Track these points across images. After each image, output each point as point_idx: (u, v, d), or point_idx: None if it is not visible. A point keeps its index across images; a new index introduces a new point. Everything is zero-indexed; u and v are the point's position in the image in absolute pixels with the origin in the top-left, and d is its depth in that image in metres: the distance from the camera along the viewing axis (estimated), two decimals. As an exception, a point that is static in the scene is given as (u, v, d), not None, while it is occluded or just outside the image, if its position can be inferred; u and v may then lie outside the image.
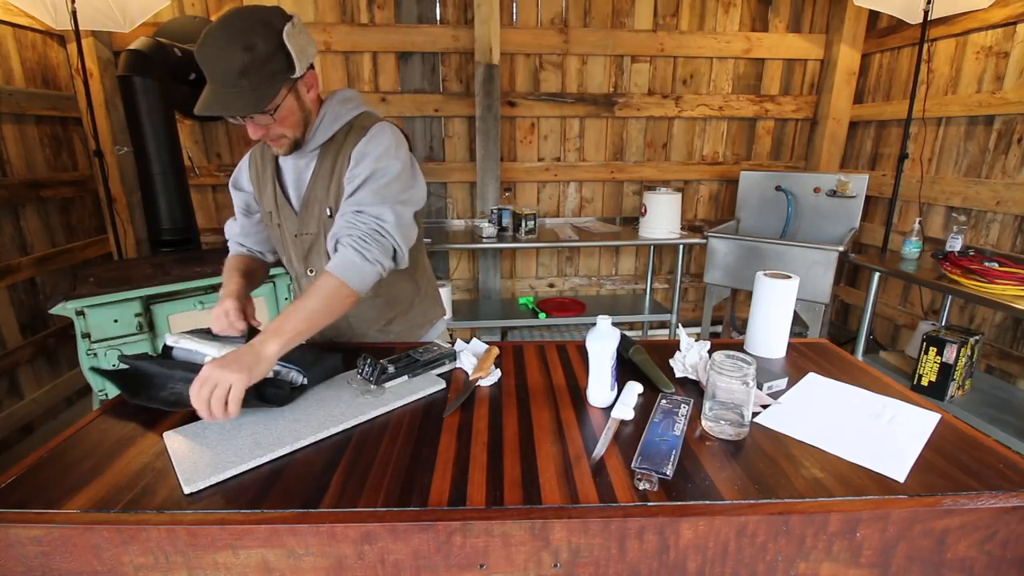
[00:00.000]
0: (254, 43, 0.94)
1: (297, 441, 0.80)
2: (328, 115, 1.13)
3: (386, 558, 0.66)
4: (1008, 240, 2.29)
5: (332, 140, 1.14)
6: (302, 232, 1.20)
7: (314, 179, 1.15)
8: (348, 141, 1.12)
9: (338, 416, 0.88)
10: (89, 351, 1.90)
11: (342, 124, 1.14)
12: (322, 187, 1.14)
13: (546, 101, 3.07)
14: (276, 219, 1.22)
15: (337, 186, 1.13)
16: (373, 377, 0.97)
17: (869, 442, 0.82)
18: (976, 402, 2.08)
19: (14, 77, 2.34)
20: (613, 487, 0.71)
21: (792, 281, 1.13)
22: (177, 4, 2.72)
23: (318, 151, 1.15)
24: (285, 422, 0.85)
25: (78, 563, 0.66)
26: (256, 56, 0.94)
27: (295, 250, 1.23)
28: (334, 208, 1.14)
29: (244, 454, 0.76)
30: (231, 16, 0.95)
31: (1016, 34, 2.22)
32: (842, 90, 3.07)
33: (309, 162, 1.16)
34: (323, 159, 1.14)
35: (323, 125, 1.12)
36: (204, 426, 0.84)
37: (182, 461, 0.75)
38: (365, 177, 1.06)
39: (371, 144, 1.09)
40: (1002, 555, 0.70)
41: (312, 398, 0.94)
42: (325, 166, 1.14)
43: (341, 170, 1.11)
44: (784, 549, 0.68)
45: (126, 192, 2.80)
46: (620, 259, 3.45)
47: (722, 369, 0.83)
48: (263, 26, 0.95)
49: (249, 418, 0.86)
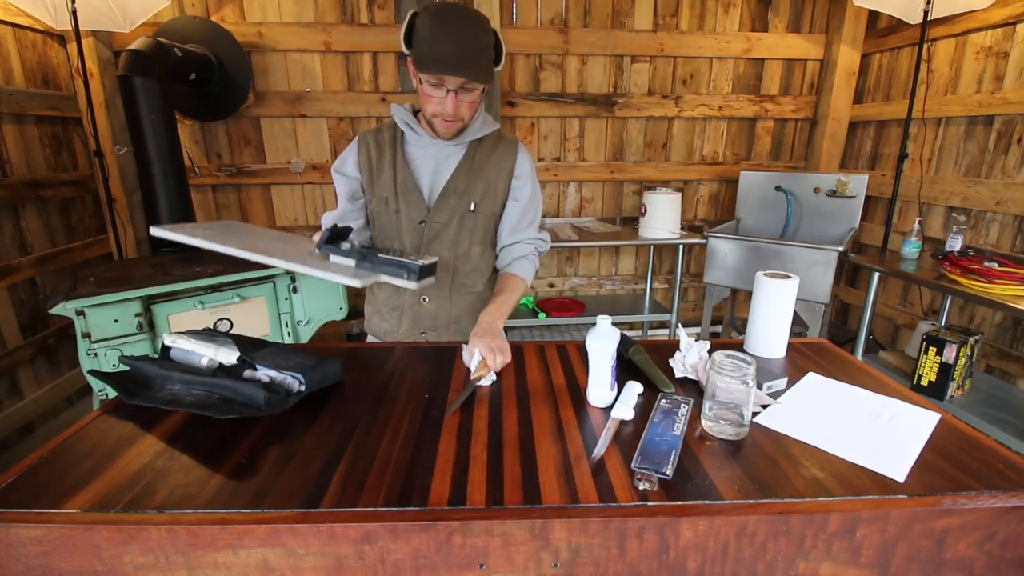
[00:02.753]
0: (488, 30, 1.12)
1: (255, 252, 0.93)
2: (481, 118, 1.27)
3: (386, 558, 0.66)
4: (1008, 240, 2.29)
5: (480, 142, 1.28)
6: (431, 220, 1.27)
7: (457, 173, 1.26)
8: (499, 150, 1.29)
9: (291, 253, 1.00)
10: (89, 351, 1.90)
11: (491, 131, 1.29)
12: (464, 182, 1.26)
13: (546, 101, 3.07)
14: (394, 205, 1.27)
15: (486, 186, 1.27)
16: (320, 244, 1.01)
17: (869, 442, 0.82)
18: (976, 402, 2.08)
19: (14, 77, 2.34)
20: (613, 487, 0.71)
21: (792, 281, 1.13)
22: (177, 4, 2.72)
23: (464, 147, 1.27)
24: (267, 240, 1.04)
25: (78, 563, 0.66)
26: (488, 41, 1.12)
27: (411, 237, 1.28)
28: (479, 204, 1.28)
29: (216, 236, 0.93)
30: (465, 7, 1.14)
31: (1016, 34, 2.22)
32: (842, 90, 3.07)
33: (450, 155, 1.26)
34: (469, 157, 1.26)
35: (477, 125, 1.25)
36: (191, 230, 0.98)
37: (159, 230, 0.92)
38: (530, 195, 1.32)
39: (529, 164, 1.32)
40: (1002, 555, 0.70)
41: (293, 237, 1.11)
42: (472, 164, 1.26)
43: (494, 175, 1.28)
44: (784, 549, 0.68)
45: (126, 192, 2.80)
46: (620, 259, 3.45)
47: (722, 369, 0.83)
48: (488, 22, 1.13)
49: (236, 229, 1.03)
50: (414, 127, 1.25)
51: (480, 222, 1.30)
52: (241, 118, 2.91)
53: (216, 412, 0.86)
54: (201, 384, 0.94)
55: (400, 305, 1.34)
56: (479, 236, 1.31)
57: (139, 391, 0.94)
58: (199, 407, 0.88)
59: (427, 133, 1.25)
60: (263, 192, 3.06)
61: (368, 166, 1.28)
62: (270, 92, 2.88)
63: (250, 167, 2.98)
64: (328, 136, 3.00)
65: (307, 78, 2.90)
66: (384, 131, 1.29)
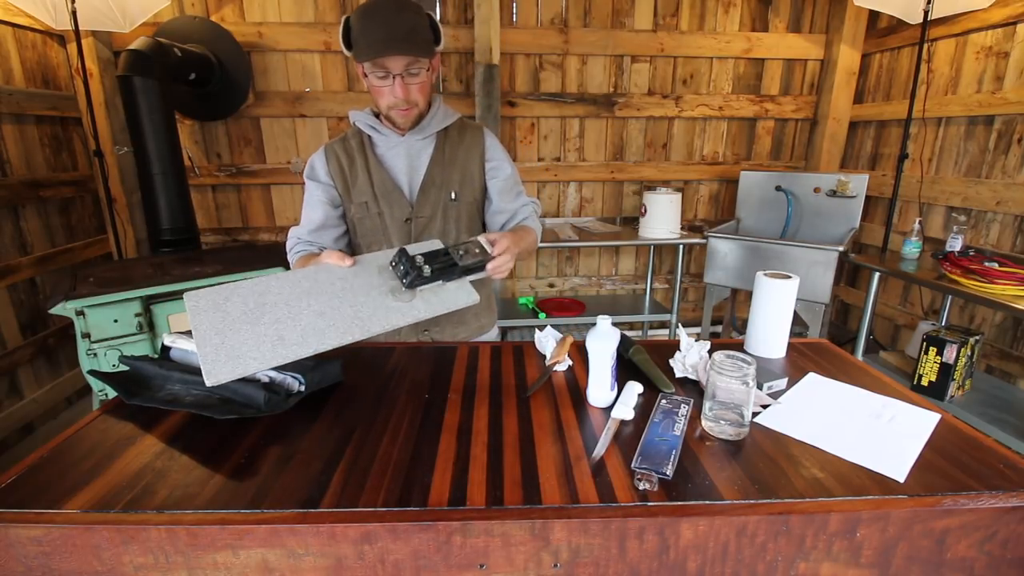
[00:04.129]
0: (419, 11, 1.14)
1: (321, 343, 0.75)
2: (442, 110, 1.28)
3: (386, 558, 0.66)
4: (1008, 240, 2.29)
5: (447, 133, 1.29)
6: (416, 216, 1.27)
7: (432, 165, 1.27)
8: (467, 138, 1.30)
9: (365, 319, 0.81)
10: (89, 351, 1.90)
11: (454, 120, 1.30)
12: (440, 173, 1.27)
13: (546, 101, 3.07)
14: (375, 208, 1.27)
15: (461, 175, 1.29)
16: (406, 279, 0.89)
17: (869, 442, 0.82)
18: (976, 402, 2.08)
19: (14, 77, 2.34)
20: (613, 487, 0.71)
21: (792, 281, 1.13)
22: (177, 4, 2.72)
23: (432, 140, 1.28)
24: (309, 316, 0.78)
25: (78, 563, 0.66)
26: (422, 21, 1.14)
27: (399, 236, 1.28)
28: (459, 193, 1.29)
29: (267, 350, 0.71)
30: None
31: (1016, 34, 2.22)
32: (842, 90, 3.07)
33: (421, 150, 1.28)
34: (440, 148, 1.28)
35: (439, 115, 1.27)
36: (228, 296, 0.76)
37: (204, 343, 0.68)
38: (509, 172, 1.33)
39: (498, 144, 1.34)
40: (1002, 555, 0.70)
41: (338, 284, 0.86)
42: (444, 155, 1.28)
43: (466, 163, 1.29)
44: (784, 549, 0.68)
45: (126, 192, 2.80)
46: (620, 259, 3.45)
47: (722, 369, 0.83)
48: (419, 6, 1.15)
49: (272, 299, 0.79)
50: (378, 128, 1.26)
51: (464, 209, 1.31)
52: (241, 118, 2.91)
53: (216, 412, 0.86)
54: (201, 384, 0.94)
55: None
56: (464, 224, 1.32)
57: (139, 391, 0.94)
58: (199, 407, 0.88)
59: (393, 131, 1.25)
60: (263, 192, 3.06)
61: (340, 174, 1.27)
62: (270, 92, 2.88)
63: (250, 167, 2.98)
64: (328, 136, 3.00)
65: (307, 78, 2.90)
66: (350, 139, 1.29)
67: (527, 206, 1.37)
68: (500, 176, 1.33)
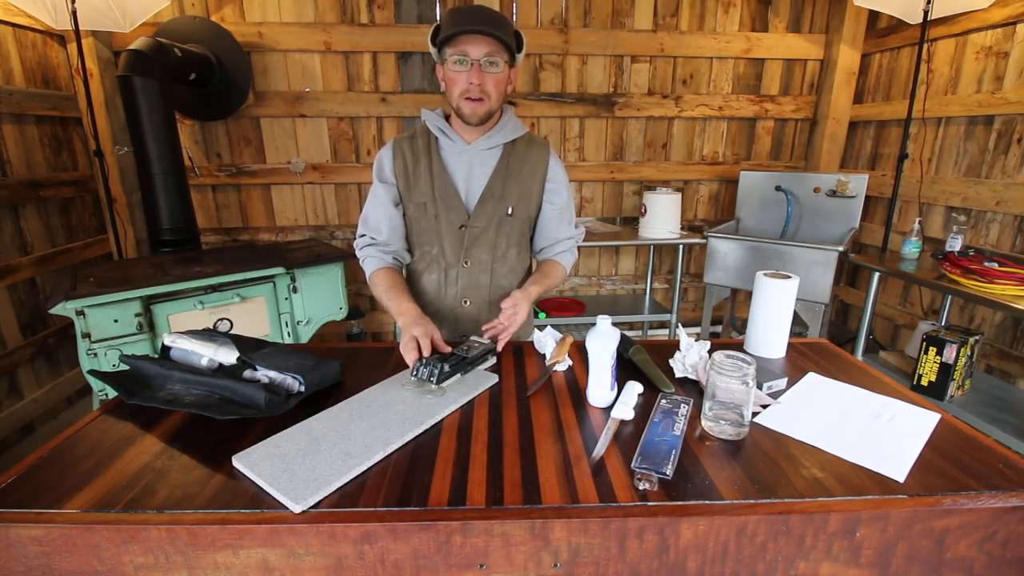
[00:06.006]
0: (510, 21, 1.20)
1: (388, 446, 0.79)
2: (512, 121, 1.29)
3: (386, 558, 0.66)
4: (1008, 240, 2.29)
5: (513, 146, 1.29)
6: (470, 224, 1.27)
7: (493, 178, 1.28)
8: (532, 155, 1.31)
9: (413, 418, 0.87)
10: (89, 351, 1.90)
11: (522, 133, 1.31)
12: (500, 186, 1.28)
13: (546, 101, 3.07)
14: (433, 210, 1.27)
15: (520, 191, 1.29)
16: (435, 377, 0.98)
17: (869, 442, 0.82)
18: (976, 402, 2.08)
19: (14, 77, 2.34)
20: (613, 487, 0.71)
21: (792, 281, 1.13)
22: (177, 4, 2.72)
23: (499, 151, 1.29)
24: (363, 432, 0.83)
25: (78, 563, 0.66)
26: (510, 24, 1.18)
27: (452, 241, 1.29)
28: (515, 208, 1.29)
29: (339, 466, 0.74)
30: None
31: (1016, 34, 2.22)
32: (842, 90, 3.07)
33: (485, 160, 1.28)
34: (504, 162, 1.28)
35: (508, 127, 1.28)
36: (277, 444, 0.80)
37: (278, 482, 0.71)
38: (565, 199, 1.35)
39: (561, 167, 1.35)
40: (1002, 555, 0.70)
41: (372, 406, 0.92)
42: (507, 169, 1.28)
43: (528, 181, 1.30)
44: (784, 549, 0.68)
45: (126, 192, 2.80)
46: (620, 259, 3.45)
47: (722, 369, 0.83)
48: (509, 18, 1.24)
49: (321, 432, 0.83)
50: (447, 132, 1.27)
51: (516, 225, 1.32)
52: (241, 118, 2.91)
53: (216, 412, 0.86)
54: (201, 384, 0.94)
55: (440, 310, 1.35)
56: (515, 239, 1.34)
57: (139, 391, 0.94)
58: (199, 407, 0.88)
59: (461, 138, 1.27)
60: (263, 192, 3.06)
61: (404, 172, 1.29)
62: (270, 92, 2.88)
63: (250, 167, 2.98)
64: (328, 136, 3.00)
65: (307, 78, 2.90)
66: (418, 137, 1.30)
67: (569, 239, 1.39)
68: (556, 203, 1.35)
